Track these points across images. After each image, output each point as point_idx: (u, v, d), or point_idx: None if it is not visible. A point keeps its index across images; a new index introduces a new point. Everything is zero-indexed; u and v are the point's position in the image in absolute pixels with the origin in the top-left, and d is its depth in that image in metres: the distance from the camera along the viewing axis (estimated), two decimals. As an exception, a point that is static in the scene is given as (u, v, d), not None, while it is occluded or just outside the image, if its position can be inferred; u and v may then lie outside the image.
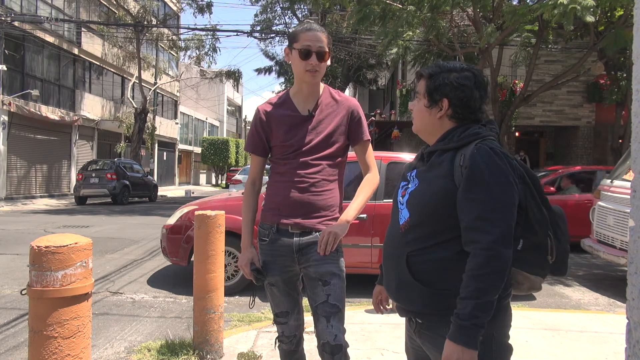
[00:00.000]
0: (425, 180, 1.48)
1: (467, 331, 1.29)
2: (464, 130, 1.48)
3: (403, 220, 1.49)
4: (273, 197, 2.09)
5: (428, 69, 1.55)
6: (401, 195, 1.56)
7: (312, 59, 1.99)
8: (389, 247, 1.56)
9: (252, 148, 2.16)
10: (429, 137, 1.56)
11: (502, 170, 1.36)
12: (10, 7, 17.70)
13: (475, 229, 1.33)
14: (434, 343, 1.45)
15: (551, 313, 4.49)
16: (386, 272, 1.58)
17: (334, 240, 1.94)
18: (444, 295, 1.40)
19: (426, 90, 1.53)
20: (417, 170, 1.54)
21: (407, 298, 1.47)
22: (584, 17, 7.69)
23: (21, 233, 9.20)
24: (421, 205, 1.45)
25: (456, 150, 1.45)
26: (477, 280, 1.30)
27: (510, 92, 14.34)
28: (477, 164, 1.36)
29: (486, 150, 1.38)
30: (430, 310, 1.43)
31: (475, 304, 1.29)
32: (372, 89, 27.68)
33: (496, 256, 1.30)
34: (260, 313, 4.34)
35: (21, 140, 18.23)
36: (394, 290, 1.52)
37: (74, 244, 1.62)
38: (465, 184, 1.37)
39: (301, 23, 4.63)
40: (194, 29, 27.42)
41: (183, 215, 5.31)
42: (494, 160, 1.36)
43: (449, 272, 1.40)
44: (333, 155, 2.07)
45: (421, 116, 1.55)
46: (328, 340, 1.98)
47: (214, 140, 37.85)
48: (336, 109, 2.09)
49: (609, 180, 5.84)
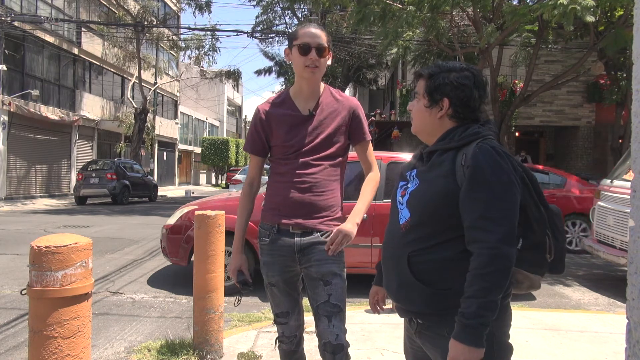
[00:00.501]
0: (426, 180, 1.47)
1: (473, 330, 1.29)
2: (464, 129, 1.48)
3: (403, 220, 1.49)
4: (273, 197, 2.08)
5: (427, 69, 1.55)
6: (400, 195, 1.55)
7: (311, 54, 1.99)
8: (389, 247, 1.55)
9: (251, 148, 2.14)
10: (429, 137, 1.56)
11: (504, 169, 1.36)
12: (10, 7, 17.70)
13: (479, 228, 1.33)
14: (434, 343, 1.45)
15: (551, 313, 4.49)
16: (386, 272, 1.58)
17: (345, 241, 1.95)
18: (445, 295, 1.40)
19: (426, 90, 1.52)
20: (417, 170, 1.54)
21: (408, 298, 1.47)
22: (584, 17, 7.69)
23: (21, 233, 9.20)
24: (422, 205, 1.45)
25: (457, 150, 1.45)
26: (482, 279, 1.30)
27: (510, 92, 14.34)
28: (479, 164, 1.36)
29: (488, 149, 1.38)
30: (431, 310, 1.43)
31: (480, 303, 1.29)
32: (372, 89, 27.67)
33: (501, 255, 1.30)
34: (260, 313, 4.34)
35: (21, 140, 18.23)
36: (394, 290, 1.52)
37: (74, 244, 1.62)
38: (468, 184, 1.37)
39: (300, 24, 4.64)
40: (194, 29, 27.41)
41: (183, 215, 5.32)
42: (495, 159, 1.37)
43: (450, 271, 1.40)
44: (334, 155, 2.07)
45: (421, 116, 1.55)
46: (329, 340, 1.97)
47: (214, 140, 37.86)
48: (337, 109, 2.09)
49: (609, 180, 5.84)
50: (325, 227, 2.03)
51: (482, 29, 9.95)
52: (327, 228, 2.03)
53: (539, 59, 12.83)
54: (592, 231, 6.04)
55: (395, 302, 1.54)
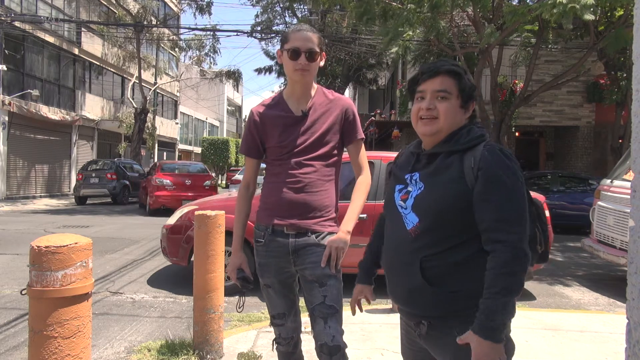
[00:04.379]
0: (434, 183, 1.46)
1: (494, 326, 1.31)
2: (467, 131, 1.48)
3: (411, 225, 1.47)
4: (268, 198, 2.08)
5: (456, 67, 1.51)
6: (401, 199, 1.52)
7: (300, 59, 1.99)
8: (396, 253, 1.52)
9: (246, 150, 2.15)
10: (440, 138, 1.51)
11: (514, 171, 1.39)
12: (10, 7, 17.70)
13: (498, 229, 1.35)
14: (444, 344, 1.44)
15: (551, 313, 4.49)
16: (392, 277, 1.55)
17: (340, 252, 1.96)
18: (457, 296, 1.41)
19: (460, 90, 1.50)
20: (420, 173, 1.51)
21: (420, 302, 1.46)
22: (583, 16, 7.69)
23: (21, 233, 9.20)
24: (433, 209, 1.43)
25: (462, 152, 1.45)
26: (504, 278, 1.32)
27: (510, 92, 14.34)
28: (491, 166, 1.38)
29: (497, 152, 1.41)
30: (442, 313, 1.43)
31: (504, 302, 1.31)
32: (372, 89, 27.69)
33: (522, 255, 1.34)
34: (260, 313, 4.34)
35: (21, 140, 18.23)
36: (404, 296, 1.50)
37: (74, 244, 1.62)
38: (482, 186, 1.38)
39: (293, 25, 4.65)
40: (194, 29, 27.45)
41: (183, 215, 5.31)
42: (505, 161, 1.39)
43: (463, 273, 1.41)
44: (327, 155, 2.07)
45: (454, 116, 1.50)
46: (326, 341, 1.97)
47: (214, 140, 37.85)
48: (330, 108, 2.09)
49: (609, 180, 5.84)
50: (319, 227, 2.02)
51: (482, 29, 9.95)
52: (322, 229, 2.03)
53: (539, 59, 12.83)
54: (592, 231, 6.04)
55: (405, 307, 1.52)
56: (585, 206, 9.68)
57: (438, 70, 1.50)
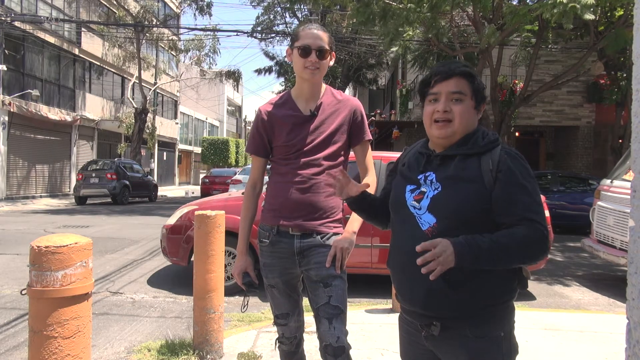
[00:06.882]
0: (452, 185, 1.45)
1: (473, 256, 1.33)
2: (482, 135, 1.50)
3: (427, 226, 1.45)
4: (273, 198, 2.07)
5: (469, 69, 1.52)
6: (414, 199, 1.50)
7: (311, 56, 1.98)
8: (411, 254, 1.41)
9: (253, 149, 2.13)
10: (452, 140, 1.51)
11: (530, 172, 1.45)
12: (10, 7, 17.70)
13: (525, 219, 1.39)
14: (456, 345, 1.44)
15: (551, 313, 4.49)
16: (405, 280, 1.50)
17: (345, 253, 1.96)
18: (475, 297, 1.40)
19: (474, 92, 1.50)
20: (435, 175, 1.49)
21: (438, 305, 1.43)
22: (584, 16, 7.69)
23: (21, 233, 9.20)
24: (452, 210, 1.43)
25: (480, 155, 1.46)
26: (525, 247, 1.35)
27: (510, 92, 14.34)
28: (511, 169, 1.42)
29: (514, 155, 1.45)
30: (458, 314, 1.42)
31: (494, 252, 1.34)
32: (372, 89, 27.66)
33: (546, 239, 1.37)
34: (260, 313, 4.34)
35: (21, 140, 18.23)
36: (421, 297, 1.45)
37: (74, 244, 1.62)
38: (505, 187, 1.40)
39: (303, 23, 4.63)
40: (194, 29, 27.45)
41: (183, 215, 5.31)
42: (522, 164, 1.44)
43: (483, 275, 1.40)
44: (335, 155, 2.06)
45: (469, 118, 1.50)
46: (330, 342, 1.95)
47: (214, 140, 37.88)
48: (339, 109, 2.09)
49: (609, 180, 5.84)
50: (325, 229, 2.02)
51: (482, 30, 9.95)
52: (327, 230, 2.02)
53: (539, 59, 12.83)
54: (592, 231, 6.04)
55: (420, 309, 1.48)
56: (585, 206, 9.67)
57: (452, 72, 1.49)
